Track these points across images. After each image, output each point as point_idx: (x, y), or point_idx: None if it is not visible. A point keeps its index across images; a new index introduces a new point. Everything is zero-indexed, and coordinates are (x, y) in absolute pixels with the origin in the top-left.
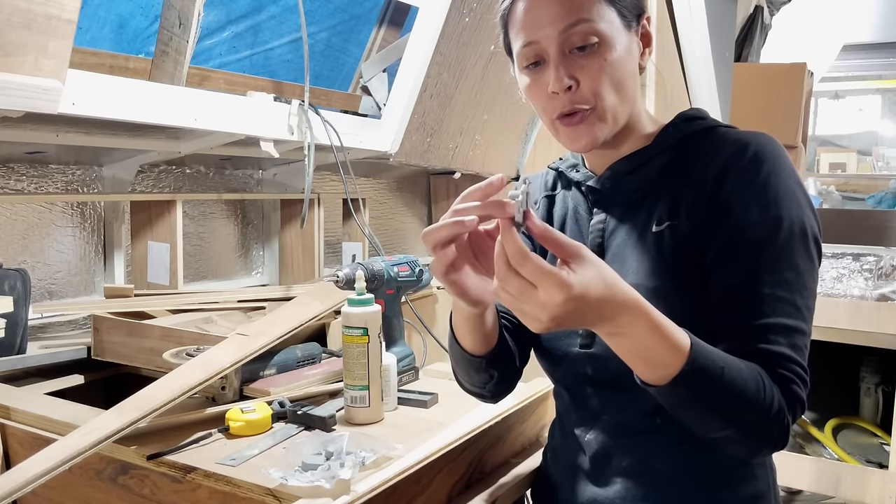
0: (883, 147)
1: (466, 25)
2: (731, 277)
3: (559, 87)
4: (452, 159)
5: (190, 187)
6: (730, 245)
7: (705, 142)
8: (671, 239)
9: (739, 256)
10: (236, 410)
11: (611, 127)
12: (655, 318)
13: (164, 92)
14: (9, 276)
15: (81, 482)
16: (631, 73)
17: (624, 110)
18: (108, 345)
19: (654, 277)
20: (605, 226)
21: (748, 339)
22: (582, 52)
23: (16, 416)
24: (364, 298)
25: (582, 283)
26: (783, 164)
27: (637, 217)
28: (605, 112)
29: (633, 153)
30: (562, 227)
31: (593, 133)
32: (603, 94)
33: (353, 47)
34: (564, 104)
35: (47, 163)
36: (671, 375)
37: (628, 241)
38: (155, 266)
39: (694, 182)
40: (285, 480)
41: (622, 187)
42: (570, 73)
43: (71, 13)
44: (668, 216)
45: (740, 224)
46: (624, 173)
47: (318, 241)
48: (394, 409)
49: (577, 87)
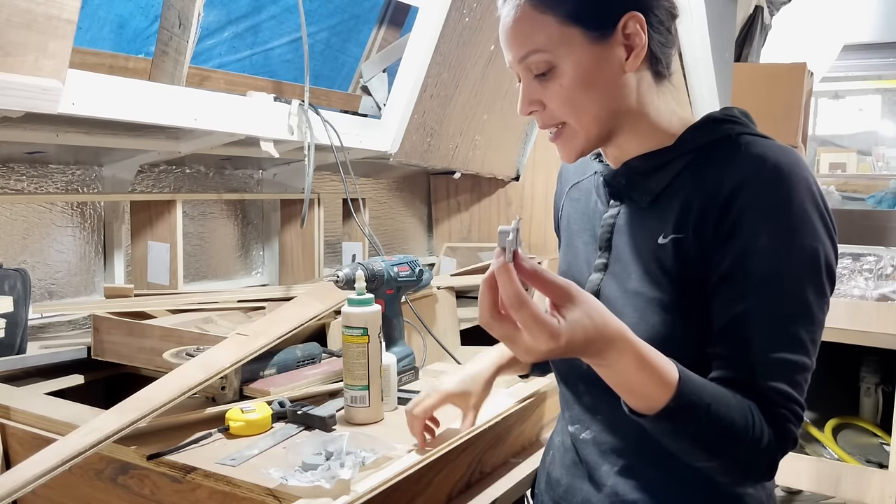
0: (883, 147)
1: (466, 25)
2: (733, 306)
3: (523, 112)
4: (452, 159)
5: (190, 187)
6: (734, 271)
7: (726, 151)
8: (675, 253)
9: (742, 285)
10: (236, 410)
11: (585, 141)
12: (643, 353)
13: (164, 92)
14: (9, 276)
15: (81, 482)
16: (605, 85)
17: (604, 120)
18: (108, 345)
19: (656, 288)
20: (616, 221)
21: (745, 373)
22: (542, 77)
23: (16, 415)
24: (364, 298)
25: (570, 328)
26: (803, 187)
27: (647, 220)
28: (575, 129)
29: (650, 153)
30: (580, 218)
31: (569, 148)
32: (565, 115)
33: (352, 47)
34: (538, 122)
35: (47, 163)
36: (656, 409)
37: (635, 244)
38: (155, 266)
39: (707, 194)
40: (285, 480)
41: (636, 186)
42: (531, 98)
43: (71, 13)
44: (675, 228)
45: (747, 249)
46: (639, 172)
47: (318, 241)
48: (394, 409)
49: (544, 108)
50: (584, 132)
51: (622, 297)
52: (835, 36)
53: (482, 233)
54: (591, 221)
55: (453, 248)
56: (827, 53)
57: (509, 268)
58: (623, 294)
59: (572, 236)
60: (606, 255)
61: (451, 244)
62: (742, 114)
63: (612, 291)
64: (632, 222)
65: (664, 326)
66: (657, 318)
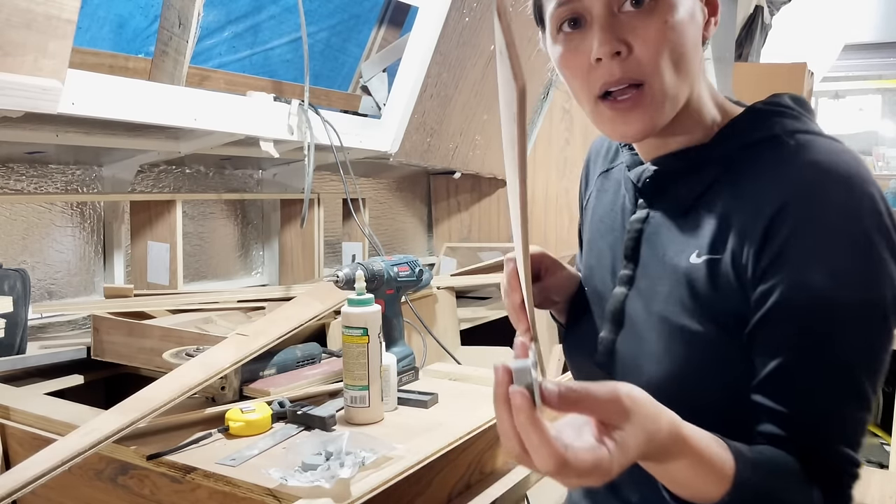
0: (883, 147)
1: (466, 25)
2: (779, 351)
3: (606, 52)
4: (452, 159)
5: (190, 187)
6: (780, 310)
7: (773, 154)
8: (709, 277)
9: (791, 326)
10: (236, 410)
11: (668, 111)
12: (699, 451)
13: (164, 92)
14: (8, 276)
15: (81, 482)
16: (693, 44)
17: (683, 91)
18: (107, 345)
19: (685, 315)
20: (644, 228)
21: (798, 433)
22: (637, 8)
23: (16, 416)
24: (364, 298)
25: (621, 453)
26: (867, 207)
27: (680, 231)
28: (663, 90)
29: (682, 151)
30: (606, 214)
31: (648, 117)
32: (661, 65)
33: (352, 47)
34: (612, 73)
35: (47, 163)
36: (707, 501)
37: (665, 257)
38: (155, 266)
39: (748, 210)
40: (285, 480)
41: (665, 191)
42: (619, 36)
43: (71, 13)
44: (711, 246)
45: (796, 285)
46: (671, 173)
47: (318, 241)
48: (394, 409)
49: (629, 53)
50: (671, 98)
51: (647, 320)
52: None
53: (482, 233)
54: (618, 221)
55: (453, 248)
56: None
57: (528, 405)
58: (648, 316)
59: (596, 235)
60: (632, 266)
61: (451, 244)
62: (795, 101)
63: (637, 312)
64: (663, 230)
65: (694, 362)
66: (685, 350)
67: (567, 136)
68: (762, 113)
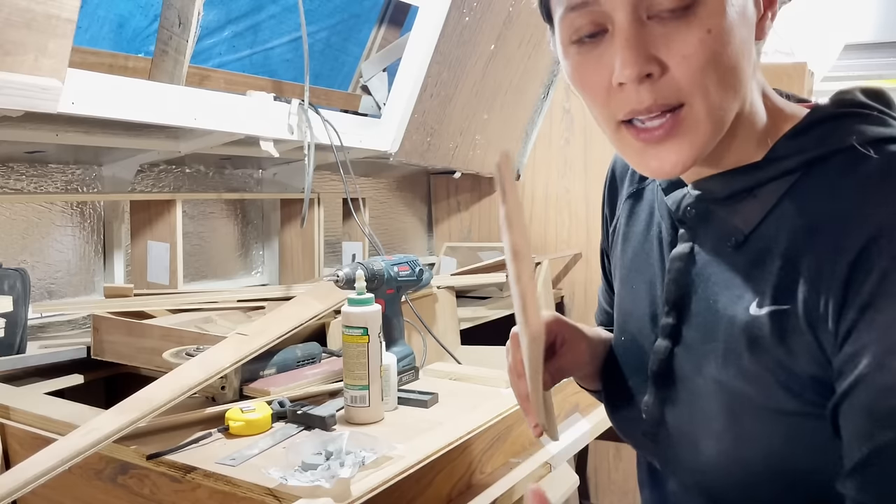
0: None
1: (467, 25)
2: (875, 431)
3: (632, 75)
4: (452, 159)
5: (190, 187)
6: (870, 380)
7: (853, 169)
8: (775, 332)
9: (884, 404)
10: (236, 410)
11: (713, 136)
12: None
13: (164, 91)
14: (8, 276)
15: (81, 482)
16: (744, 50)
17: (732, 108)
18: (107, 344)
19: (745, 381)
20: (688, 267)
21: None
22: (671, 15)
23: (15, 415)
24: (364, 298)
25: None
26: None
27: (733, 272)
28: (707, 113)
29: (732, 171)
30: (640, 246)
31: (688, 148)
32: (703, 83)
33: (353, 46)
34: (641, 99)
35: (47, 162)
36: None
37: (716, 306)
38: (155, 266)
39: (824, 242)
40: (285, 480)
41: (714, 220)
42: (649, 53)
43: (70, 12)
44: (775, 294)
45: (891, 347)
46: (718, 200)
47: (318, 241)
48: (394, 409)
49: (663, 73)
50: (717, 121)
51: (701, 385)
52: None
53: (482, 233)
54: (655, 255)
55: (453, 248)
56: (828, 53)
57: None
58: (701, 380)
59: (630, 273)
60: (676, 314)
61: (451, 244)
62: (872, 96)
63: (686, 373)
64: (712, 270)
65: (762, 441)
66: (751, 426)
67: (567, 135)
68: (831, 117)
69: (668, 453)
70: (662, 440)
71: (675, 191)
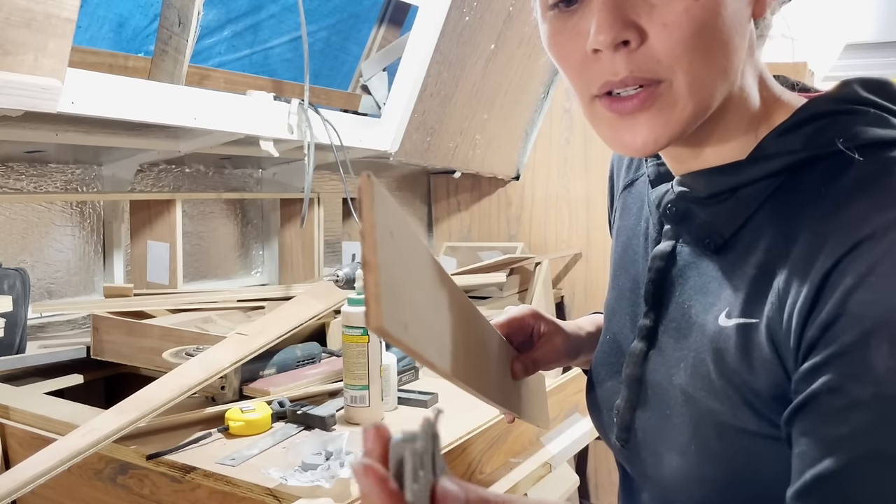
0: None
1: (467, 24)
2: (825, 454)
3: (606, 41)
4: (452, 158)
5: (189, 186)
6: (830, 396)
7: (840, 174)
8: (740, 346)
9: (841, 424)
10: (236, 410)
11: (693, 116)
12: None
13: (164, 91)
14: (8, 276)
15: (81, 482)
16: (740, 24)
17: (719, 89)
18: (107, 344)
19: (710, 395)
20: (669, 265)
21: None
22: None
23: (15, 415)
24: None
25: None
26: None
27: (709, 276)
28: (688, 89)
29: (717, 168)
30: (629, 241)
31: (662, 124)
32: (685, 57)
33: (352, 46)
34: (615, 69)
35: (46, 162)
36: None
37: (689, 311)
38: (154, 265)
39: (800, 253)
40: (285, 480)
41: (694, 220)
42: (627, 17)
43: (70, 12)
44: (745, 305)
45: (856, 364)
46: (701, 200)
47: (318, 241)
48: (394, 409)
49: (641, 42)
50: (699, 100)
51: (670, 394)
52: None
53: (482, 232)
54: (640, 251)
55: (453, 248)
56: (828, 53)
57: None
58: (671, 388)
59: (618, 268)
60: (653, 315)
61: (451, 244)
62: (872, 89)
63: (658, 379)
64: (691, 272)
65: (728, 460)
66: (714, 445)
67: (567, 135)
68: (825, 114)
69: (635, 461)
70: (632, 447)
71: (662, 184)
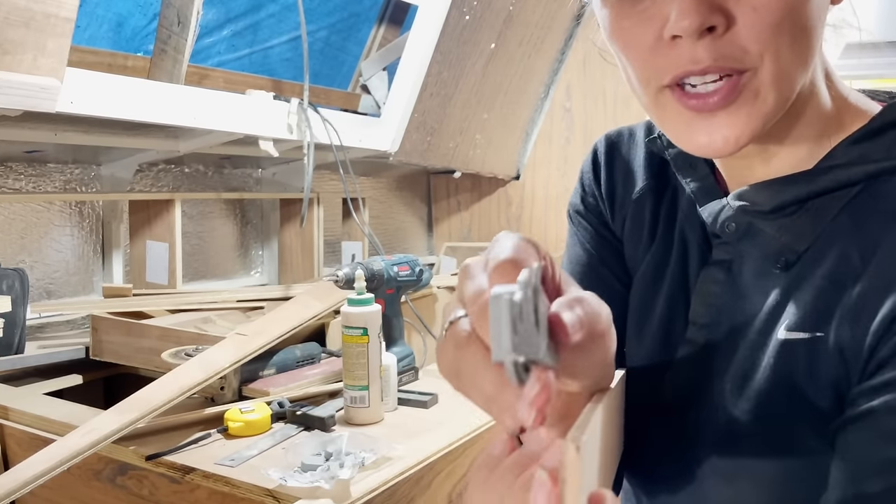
0: None
1: (467, 24)
2: (860, 478)
3: (692, 27)
4: (452, 158)
5: (189, 186)
6: (869, 421)
7: None
8: (807, 358)
9: (872, 456)
10: (235, 411)
11: (775, 110)
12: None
13: (163, 91)
14: (7, 276)
15: (80, 483)
16: (823, 11)
17: (801, 80)
18: (106, 345)
19: (770, 416)
20: (722, 286)
21: None
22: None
23: (14, 416)
24: (364, 298)
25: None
26: None
27: (770, 294)
28: (771, 80)
29: (783, 178)
30: (651, 255)
31: (744, 124)
32: (773, 44)
33: (352, 46)
34: (697, 58)
35: (45, 162)
36: None
37: (746, 331)
38: (153, 266)
39: (879, 273)
40: (284, 481)
41: (759, 238)
42: (712, 1)
43: (69, 11)
44: (814, 319)
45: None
46: (763, 212)
47: (318, 241)
48: (394, 410)
49: (728, 28)
50: (776, 91)
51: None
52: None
53: (482, 232)
54: (677, 267)
55: (453, 248)
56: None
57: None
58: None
59: (643, 284)
60: (703, 334)
61: (451, 244)
62: None
63: (700, 400)
64: (748, 289)
65: (783, 481)
66: (772, 463)
67: (567, 135)
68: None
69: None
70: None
71: (712, 203)
